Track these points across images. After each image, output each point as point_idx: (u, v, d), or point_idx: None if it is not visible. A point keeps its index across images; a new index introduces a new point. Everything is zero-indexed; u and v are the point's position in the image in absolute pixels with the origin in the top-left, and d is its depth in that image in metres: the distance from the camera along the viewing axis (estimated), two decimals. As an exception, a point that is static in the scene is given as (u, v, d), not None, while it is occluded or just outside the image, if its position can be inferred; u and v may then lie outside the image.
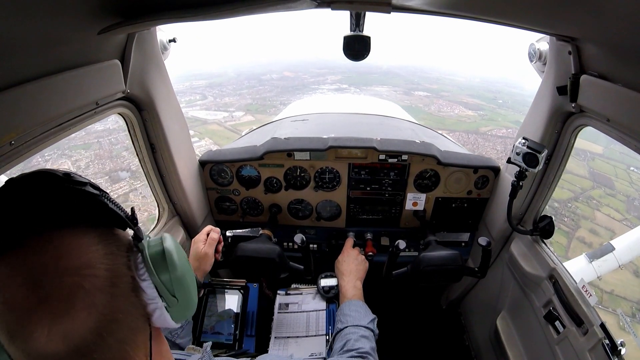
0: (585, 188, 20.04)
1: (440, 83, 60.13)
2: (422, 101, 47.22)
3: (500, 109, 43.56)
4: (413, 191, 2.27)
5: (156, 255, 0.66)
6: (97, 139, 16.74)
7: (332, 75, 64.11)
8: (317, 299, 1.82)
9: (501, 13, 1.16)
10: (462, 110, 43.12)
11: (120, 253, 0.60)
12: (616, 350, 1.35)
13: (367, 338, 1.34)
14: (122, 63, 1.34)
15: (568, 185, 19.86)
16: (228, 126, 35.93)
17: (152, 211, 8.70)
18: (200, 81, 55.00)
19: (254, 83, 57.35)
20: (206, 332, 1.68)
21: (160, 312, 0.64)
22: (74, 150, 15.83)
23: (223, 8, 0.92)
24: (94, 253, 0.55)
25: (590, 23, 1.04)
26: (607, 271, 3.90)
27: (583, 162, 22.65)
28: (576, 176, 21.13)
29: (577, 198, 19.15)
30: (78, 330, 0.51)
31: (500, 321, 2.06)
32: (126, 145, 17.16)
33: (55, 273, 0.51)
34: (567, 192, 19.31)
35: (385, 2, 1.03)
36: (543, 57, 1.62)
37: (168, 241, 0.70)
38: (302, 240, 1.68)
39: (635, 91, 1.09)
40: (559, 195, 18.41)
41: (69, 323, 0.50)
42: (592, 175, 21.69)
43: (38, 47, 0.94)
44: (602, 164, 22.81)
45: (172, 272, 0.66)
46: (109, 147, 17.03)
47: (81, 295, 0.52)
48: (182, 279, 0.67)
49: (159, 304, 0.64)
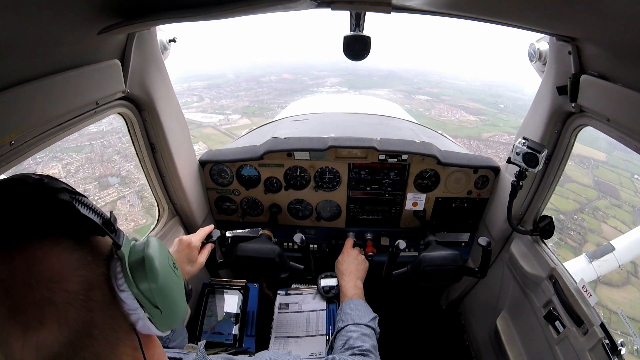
0: (590, 198, 19.62)
1: (441, 86, 59.76)
2: (422, 105, 46.88)
3: (501, 114, 43.26)
4: (413, 191, 2.27)
5: (136, 264, 0.61)
6: (90, 142, 16.48)
7: (332, 78, 63.90)
8: (317, 299, 1.82)
9: (501, 13, 1.16)
10: (463, 114, 42.74)
11: (97, 262, 0.57)
12: (616, 350, 1.35)
13: (368, 336, 1.34)
14: (122, 63, 1.34)
15: (574, 195, 19.44)
16: (223, 130, 35.59)
17: (139, 221, 8.84)
18: (198, 82, 54.79)
19: (252, 85, 57.14)
20: (206, 332, 1.69)
21: (143, 322, 0.61)
22: (65, 152, 15.67)
23: (223, 8, 0.92)
24: (66, 264, 0.53)
25: (590, 23, 1.04)
26: (607, 271, 3.90)
27: (587, 170, 22.26)
28: (581, 185, 20.73)
29: (582, 209, 18.80)
30: (50, 344, 0.50)
31: (500, 321, 2.06)
32: (118, 149, 16.91)
33: (26, 285, 0.49)
34: (573, 203, 18.90)
35: (385, 2, 1.03)
36: (543, 57, 1.62)
37: (151, 247, 0.65)
38: (302, 240, 1.68)
39: (635, 91, 1.09)
40: (564, 207, 18.01)
41: (41, 338, 0.49)
42: (596, 184, 21.24)
43: (38, 47, 0.94)
44: (607, 172, 22.38)
45: (151, 282, 0.61)
46: (101, 150, 16.83)
47: (51, 310, 0.50)
48: (164, 289, 0.63)
49: (141, 315, 0.60)
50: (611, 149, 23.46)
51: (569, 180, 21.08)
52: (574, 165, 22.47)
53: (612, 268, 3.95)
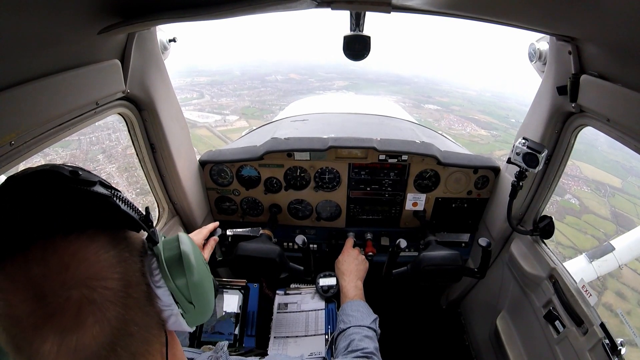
0: (609, 234, 18.07)
1: (451, 96, 58.83)
2: (432, 115, 45.92)
3: (513, 129, 41.61)
4: (413, 191, 2.27)
5: (172, 259, 0.61)
6: (79, 137, 15.85)
7: (339, 81, 63.02)
8: (316, 299, 1.82)
9: (501, 13, 1.16)
10: (474, 128, 41.59)
11: (133, 259, 0.56)
12: (616, 350, 1.35)
13: (371, 338, 1.35)
14: (122, 63, 1.34)
15: (592, 230, 18.37)
16: (218, 132, 34.55)
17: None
18: (202, 78, 53.78)
19: (257, 84, 56.32)
20: (206, 332, 1.69)
21: (175, 318, 0.61)
22: (51, 147, 15.29)
23: (223, 8, 0.92)
24: (105, 261, 0.51)
25: (590, 23, 1.04)
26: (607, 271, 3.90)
27: (604, 198, 21.36)
28: (599, 217, 19.75)
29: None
30: (90, 346, 0.47)
31: (500, 321, 2.06)
32: (104, 147, 16.56)
33: (62, 286, 0.46)
34: (591, 240, 17.72)
35: (385, 2, 1.03)
36: (543, 57, 1.62)
37: (185, 243, 0.65)
38: (304, 241, 1.68)
39: (635, 91, 1.09)
40: (583, 244, 16.69)
41: (80, 340, 0.46)
42: (614, 216, 20.19)
43: (38, 47, 0.94)
44: (623, 201, 21.43)
45: (189, 277, 0.61)
46: (88, 147, 16.26)
47: (92, 310, 0.47)
48: (200, 284, 0.63)
49: (175, 311, 0.60)
50: (626, 174, 22.59)
51: (586, 210, 20.29)
52: (590, 192, 21.54)
53: (612, 268, 3.94)
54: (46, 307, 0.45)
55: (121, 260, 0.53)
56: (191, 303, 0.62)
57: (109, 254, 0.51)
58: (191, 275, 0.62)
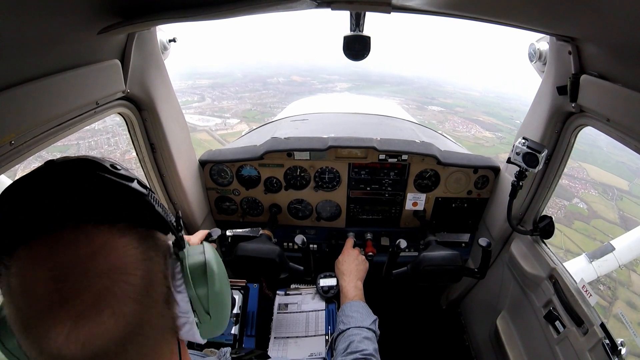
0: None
1: (454, 97, 58.28)
2: (436, 117, 45.47)
3: (517, 131, 41.66)
4: (413, 191, 2.27)
5: (196, 267, 0.61)
6: (78, 141, 15.96)
7: (342, 83, 62.53)
8: (316, 299, 1.82)
9: (501, 13, 1.16)
10: (479, 130, 41.18)
11: (158, 259, 0.55)
12: (616, 350, 1.35)
13: (370, 339, 1.34)
14: (122, 63, 1.34)
15: (600, 235, 18.09)
16: (217, 135, 34.54)
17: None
18: (203, 80, 53.47)
19: (258, 86, 55.87)
20: (206, 332, 1.68)
21: (189, 327, 0.60)
22: (50, 151, 15.27)
23: (223, 8, 0.92)
24: (131, 257, 0.50)
25: (590, 23, 1.04)
26: (607, 271, 3.90)
27: (612, 202, 21.14)
28: (607, 222, 19.48)
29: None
30: (100, 339, 0.46)
31: (500, 321, 2.06)
32: (103, 152, 16.57)
33: (85, 272, 0.46)
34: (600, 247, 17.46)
35: (385, 2, 1.03)
36: (543, 57, 1.62)
37: (209, 252, 0.64)
38: (303, 241, 1.68)
39: (635, 91, 1.09)
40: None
41: (92, 329, 0.45)
42: (622, 220, 19.85)
43: (38, 47, 0.94)
44: (631, 204, 21.12)
45: (210, 287, 0.61)
46: (87, 151, 16.23)
47: (110, 302, 0.47)
48: (220, 295, 0.63)
49: (191, 319, 0.59)
50: (632, 176, 22.16)
51: (594, 215, 20.06)
52: (598, 195, 21.18)
53: (612, 268, 3.95)
54: (66, 290, 0.45)
55: (147, 258, 0.53)
56: (208, 313, 0.62)
57: (136, 250, 0.51)
58: (213, 286, 0.62)
